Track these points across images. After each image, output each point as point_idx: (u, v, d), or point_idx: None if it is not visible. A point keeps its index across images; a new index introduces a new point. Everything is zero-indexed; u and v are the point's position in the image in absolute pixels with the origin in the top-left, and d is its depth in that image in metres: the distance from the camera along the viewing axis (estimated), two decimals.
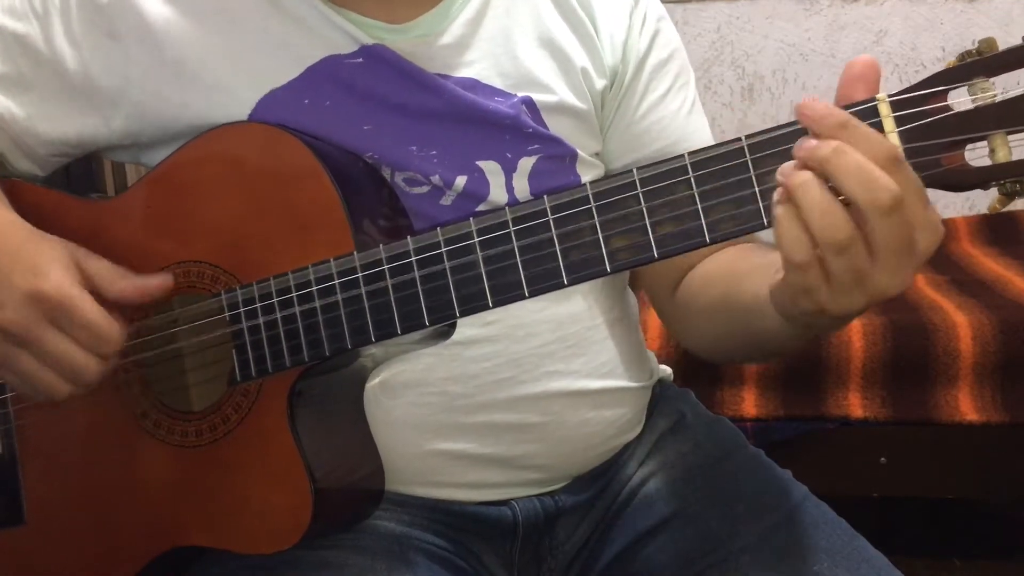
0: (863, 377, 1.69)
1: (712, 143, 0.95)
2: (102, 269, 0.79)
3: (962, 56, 0.62)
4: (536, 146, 0.87)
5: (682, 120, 0.94)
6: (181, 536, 0.82)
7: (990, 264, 2.13)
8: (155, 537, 0.83)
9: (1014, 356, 1.65)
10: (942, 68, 0.63)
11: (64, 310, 0.74)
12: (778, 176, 0.61)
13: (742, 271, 0.81)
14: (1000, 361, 1.66)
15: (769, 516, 0.89)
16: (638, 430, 0.98)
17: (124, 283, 0.79)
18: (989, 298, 1.83)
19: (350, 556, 0.84)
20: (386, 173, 0.84)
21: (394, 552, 0.86)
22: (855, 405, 1.69)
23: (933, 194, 0.62)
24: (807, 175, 0.59)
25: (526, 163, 0.87)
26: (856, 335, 1.70)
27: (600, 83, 0.90)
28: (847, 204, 0.59)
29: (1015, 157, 0.61)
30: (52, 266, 0.75)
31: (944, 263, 2.19)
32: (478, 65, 0.87)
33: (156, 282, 0.79)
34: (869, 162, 0.58)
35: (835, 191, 0.59)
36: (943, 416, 1.67)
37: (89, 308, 0.75)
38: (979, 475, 1.73)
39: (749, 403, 1.72)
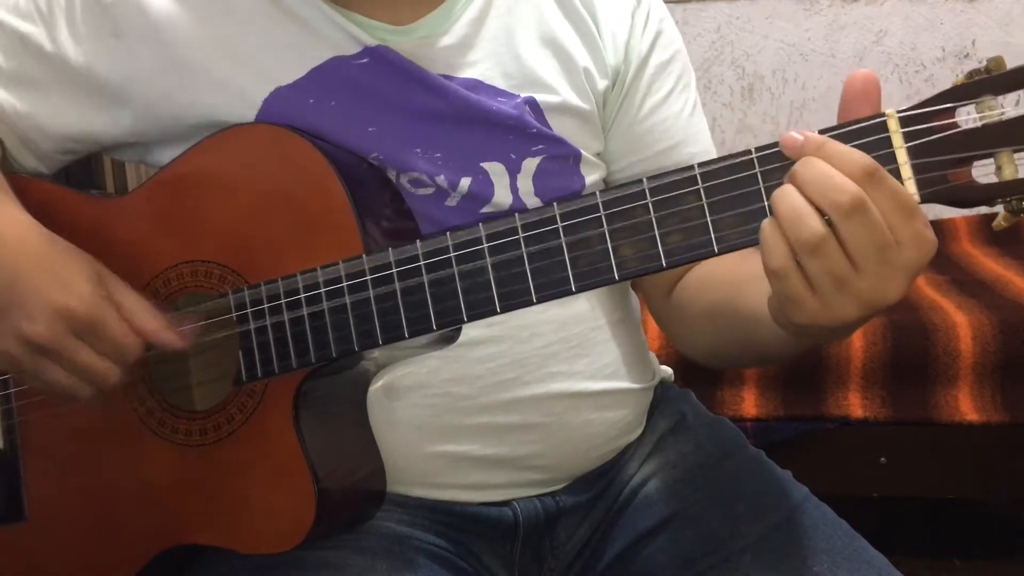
0: (863, 377, 1.69)
1: (712, 145, 0.96)
2: (124, 295, 0.79)
3: (970, 74, 0.63)
4: (540, 146, 0.87)
5: (684, 122, 0.94)
6: (183, 535, 0.82)
7: (990, 264, 2.13)
8: (157, 535, 0.83)
9: (1014, 356, 1.65)
10: (942, 71, 0.63)
11: (90, 325, 0.76)
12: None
13: (742, 277, 0.82)
14: (1000, 361, 1.66)
15: (769, 517, 0.90)
16: (639, 431, 0.98)
17: (148, 322, 0.78)
18: (989, 298, 1.83)
19: (351, 556, 0.84)
20: (391, 175, 0.84)
21: (395, 552, 0.86)
22: (855, 405, 1.69)
23: None
24: (786, 186, 0.62)
25: (530, 164, 0.87)
26: (856, 335, 1.70)
27: (602, 83, 0.90)
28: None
29: (1022, 175, 0.61)
30: (79, 281, 0.77)
31: (944, 263, 2.19)
32: (481, 65, 0.87)
33: (173, 337, 0.79)
34: (832, 169, 0.61)
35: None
36: (943, 416, 1.67)
37: (112, 323, 0.77)
38: (979, 475, 1.73)
39: (749, 403, 1.72)
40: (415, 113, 0.84)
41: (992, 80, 0.62)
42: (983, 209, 0.66)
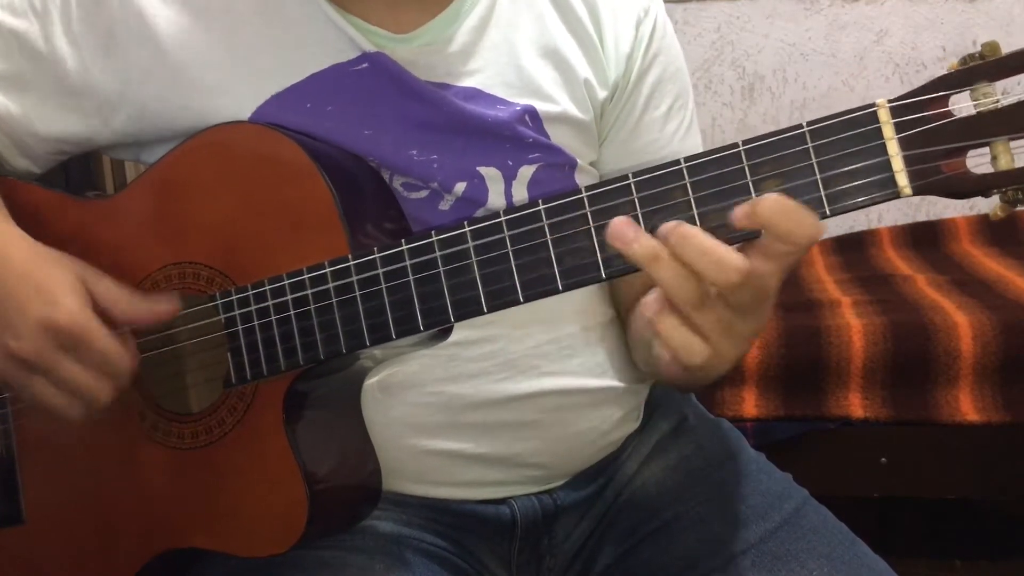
0: (863, 377, 1.69)
1: None
2: (110, 291, 0.78)
3: (964, 60, 0.61)
4: (537, 155, 0.87)
5: (677, 144, 0.94)
6: (179, 538, 0.82)
7: (990, 264, 2.13)
8: (153, 538, 0.83)
9: (1014, 356, 1.65)
10: (943, 70, 0.61)
11: (77, 339, 0.75)
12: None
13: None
14: (1000, 361, 1.65)
15: (769, 520, 0.90)
16: (635, 425, 0.98)
17: (133, 307, 0.78)
18: (989, 298, 1.83)
19: (348, 556, 0.84)
20: (384, 177, 0.84)
21: (392, 552, 0.86)
22: (855, 405, 1.69)
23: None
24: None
25: (526, 171, 0.86)
26: (856, 335, 1.70)
27: (602, 94, 0.90)
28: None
29: (1017, 164, 0.60)
30: (64, 294, 0.76)
31: (944, 263, 2.19)
32: (481, 74, 0.86)
33: (164, 307, 0.78)
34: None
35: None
36: (943, 416, 1.66)
37: (100, 336, 0.76)
38: (979, 475, 1.73)
39: (749, 403, 1.71)
40: (412, 122, 0.84)
41: (987, 66, 0.60)
42: (983, 208, 0.66)
